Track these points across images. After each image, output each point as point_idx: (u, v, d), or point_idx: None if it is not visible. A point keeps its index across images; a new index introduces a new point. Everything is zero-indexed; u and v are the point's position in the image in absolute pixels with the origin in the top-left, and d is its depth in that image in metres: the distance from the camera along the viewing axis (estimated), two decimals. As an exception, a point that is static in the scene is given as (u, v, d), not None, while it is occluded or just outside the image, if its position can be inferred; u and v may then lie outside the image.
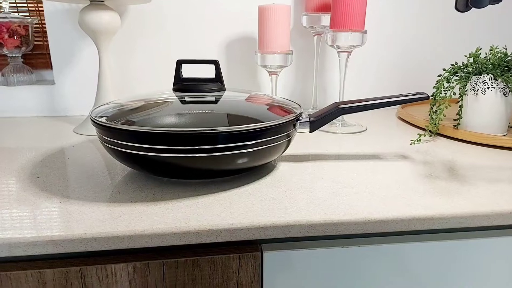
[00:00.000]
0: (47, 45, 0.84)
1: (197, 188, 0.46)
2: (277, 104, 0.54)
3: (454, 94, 0.67)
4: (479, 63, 0.67)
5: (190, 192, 0.45)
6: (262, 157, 0.47)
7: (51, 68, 0.86)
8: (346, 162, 0.57)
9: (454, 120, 0.67)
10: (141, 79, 0.88)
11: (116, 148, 0.45)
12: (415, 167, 0.55)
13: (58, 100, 0.87)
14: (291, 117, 0.48)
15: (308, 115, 0.54)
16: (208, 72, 0.57)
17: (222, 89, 0.54)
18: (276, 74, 0.79)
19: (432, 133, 0.68)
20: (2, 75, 0.86)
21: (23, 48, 0.87)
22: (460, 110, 0.66)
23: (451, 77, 0.68)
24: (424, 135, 0.66)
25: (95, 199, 0.44)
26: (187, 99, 0.52)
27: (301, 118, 0.52)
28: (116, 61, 0.86)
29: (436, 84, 0.72)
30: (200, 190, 0.46)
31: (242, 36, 0.89)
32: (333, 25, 0.72)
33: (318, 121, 0.53)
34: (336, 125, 0.77)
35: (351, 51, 0.73)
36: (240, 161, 0.45)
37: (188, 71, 0.57)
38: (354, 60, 0.93)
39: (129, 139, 0.43)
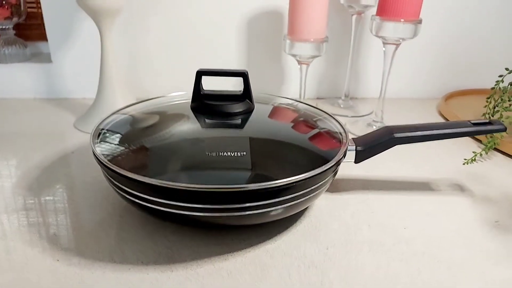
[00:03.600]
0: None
1: (220, 240, 0.38)
2: (319, 130, 0.44)
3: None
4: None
5: (211, 247, 0.37)
6: (300, 206, 0.38)
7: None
8: (393, 195, 0.48)
9: (517, 135, 0.57)
10: (151, 65, 0.77)
11: (120, 193, 0.37)
12: (475, 206, 0.46)
13: (57, 81, 0.77)
14: (339, 156, 0.38)
15: (353, 139, 0.45)
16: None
17: (251, 108, 0.44)
18: (307, 64, 0.68)
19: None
20: (-8, 50, 0.75)
21: (15, 19, 0.75)
22: (529, 125, 0.56)
23: (520, 83, 0.57)
24: (481, 154, 0.56)
25: (97, 255, 0.36)
26: (208, 122, 0.42)
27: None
28: (122, 44, 0.74)
29: (495, 85, 0.61)
30: (223, 243, 0.38)
31: (268, 10, 0.76)
32: (381, 11, 0.59)
33: (366, 151, 0.44)
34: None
35: (400, 43, 0.61)
36: (273, 213, 0.36)
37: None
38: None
39: (133, 187, 0.34)
